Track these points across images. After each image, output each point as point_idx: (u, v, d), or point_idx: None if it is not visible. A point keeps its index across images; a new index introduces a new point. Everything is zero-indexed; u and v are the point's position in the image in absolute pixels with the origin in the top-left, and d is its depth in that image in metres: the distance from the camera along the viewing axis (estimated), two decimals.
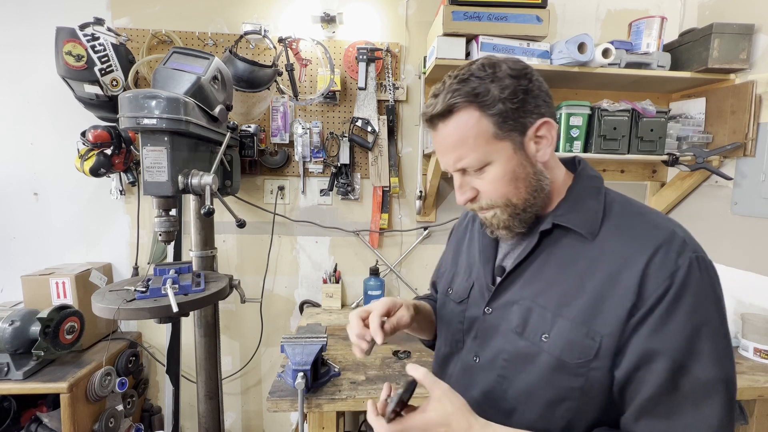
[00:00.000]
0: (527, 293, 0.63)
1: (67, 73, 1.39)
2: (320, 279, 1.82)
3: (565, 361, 0.57)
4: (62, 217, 1.69)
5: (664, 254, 0.54)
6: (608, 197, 0.63)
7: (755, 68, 1.46)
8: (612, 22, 1.76)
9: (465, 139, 0.59)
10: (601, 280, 0.57)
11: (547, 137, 0.61)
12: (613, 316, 0.55)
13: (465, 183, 0.64)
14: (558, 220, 0.62)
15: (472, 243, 0.79)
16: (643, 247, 0.55)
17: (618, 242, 0.58)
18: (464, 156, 0.60)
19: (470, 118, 0.58)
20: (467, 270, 0.77)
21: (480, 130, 0.58)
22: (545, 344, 0.59)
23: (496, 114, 0.58)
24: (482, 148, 0.59)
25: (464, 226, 0.86)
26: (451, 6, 1.37)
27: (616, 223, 0.60)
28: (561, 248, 0.62)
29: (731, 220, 1.53)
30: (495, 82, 0.58)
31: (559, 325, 0.58)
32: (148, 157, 1.06)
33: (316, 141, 1.70)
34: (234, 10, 1.66)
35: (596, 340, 0.55)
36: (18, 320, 1.28)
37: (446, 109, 0.59)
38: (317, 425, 1.11)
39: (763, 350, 1.30)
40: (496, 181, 0.61)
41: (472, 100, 0.58)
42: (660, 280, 0.53)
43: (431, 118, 0.61)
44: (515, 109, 0.58)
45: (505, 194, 0.61)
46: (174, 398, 1.70)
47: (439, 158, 0.65)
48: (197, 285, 1.19)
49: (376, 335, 0.65)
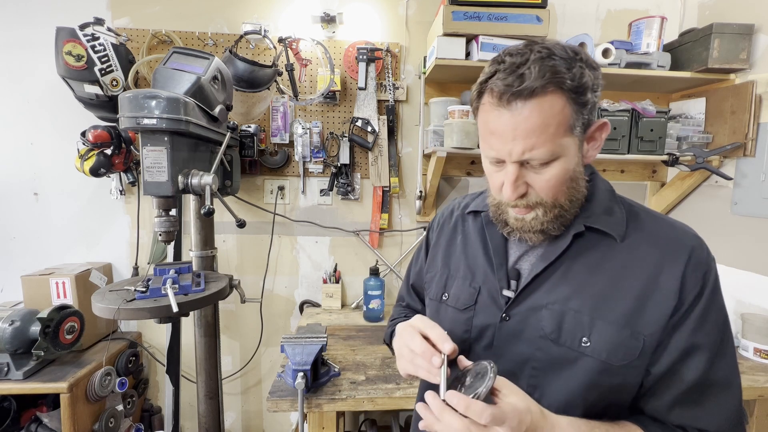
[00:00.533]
0: (555, 297, 0.60)
1: (67, 73, 1.39)
2: (320, 279, 1.82)
3: (611, 363, 0.57)
4: (62, 217, 1.69)
5: (698, 256, 0.57)
6: (624, 201, 0.65)
7: (755, 68, 1.46)
8: (612, 22, 1.76)
9: (546, 127, 0.52)
10: (639, 282, 0.57)
11: (598, 140, 0.59)
12: (656, 317, 0.56)
13: (521, 177, 0.56)
14: (589, 222, 0.61)
15: (468, 244, 0.74)
16: (680, 250, 0.58)
17: (651, 246, 0.59)
18: (538, 146, 0.52)
19: (557, 104, 0.51)
20: (468, 274, 0.71)
21: (562, 120, 0.52)
22: (587, 348, 0.57)
23: (581, 104, 0.53)
24: (558, 140, 0.53)
25: (452, 226, 0.79)
26: (451, 6, 1.37)
27: (643, 227, 0.61)
28: (588, 251, 0.61)
29: (731, 220, 1.53)
30: (586, 69, 0.53)
31: (599, 327, 0.57)
32: (148, 157, 1.06)
33: (316, 141, 1.70)
34: (234, 10, 1.66)
35: (639, 341, 0.56)
36: (18, 320, 1.28)
37: (536, 87, 0.50)
38: (317, 425, 1.11)
39: (763, 350, 1.30)
40: (555, 178, 0.55)
41: (564, 84, 0.51)
42: (696, 280, 0.56)
43: (512, 94, 0.51)
44: (593, 105, 0.54)
45: (556, 194, 0.58)
46: (174, 398, 1.70)
47: (498, 143, 0.55)
48: (197, 285, 1.19)
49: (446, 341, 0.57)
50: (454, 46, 1.41)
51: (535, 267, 0.63)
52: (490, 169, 0.61)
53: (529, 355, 0.61)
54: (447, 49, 1.41)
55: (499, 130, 0.54)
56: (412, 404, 1.08)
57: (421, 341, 0.59)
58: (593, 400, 0.58)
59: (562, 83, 0.51)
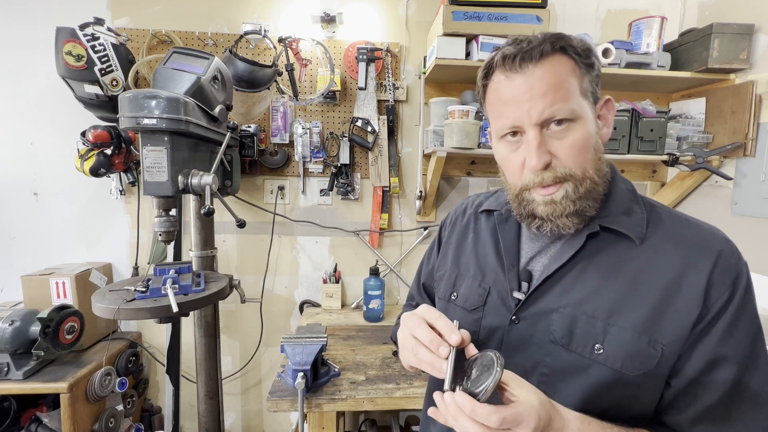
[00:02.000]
0: (567, 301, 0.58)
1: (67, 73, 1.39)
2: (320, 279, 1.82)
3: (625, 373, 0.53)
4: (62, 217, 1.69)
5: (726, 260, 0.54)
6: (645, 201, 0.62)
7: (755, 68, 1.46)
8: (612, 22, 1.76)
9: (561, 83, 0.53)
10: (659, 287, 0.54)
11: (607, 118, 0.60)
12: (678, 325, 0.53)
13: (544, 143, 0.55)
14: (606, 222, 0.58)
15: (479, 243, 0.72)
16: (706, 253, 0.54)
17: (674, 248, 0.56)
18: (557, 102, 0.53)
19: (567, 64, 0.54)
20: (478, 273, 0.69)
21: (575, 78, 0.54)
22: (600, 356, 0.55)
23: (589, 66, 0.56)
24: (574, 99, 0.54)
25: (464, 224, 0.78)
26: (451, 6, 1.37)
27: (665, 228, 0.58)
28: (604, 253, 0.58)
29: (731, 220, 1.53)
30: (588, 44, 0.57)
31: (614, 334, 0.54)
32: (148, 157, 1.06)
33: (316, 141, 1.70)
34: (234, 10, 1.66)
35: (658, 350, 0.53)
36: (18, 320, 1.28)
37: (545, 50, 0.53)
38: (317, 425, 1.11)
39: None
40: (579, 144, 0.54)
41: (569, 48, 0.54)
42: (724, 287, 0.52)
43: (522, 57, 0.54)
44: (598, 75, 0.57)
45: (583, 162, 0.55)
46: (174, 398, 1.70)
47: (513, 110, 0.55)
48: (197, 285, 1.19)
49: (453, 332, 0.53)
50: (454, 46, 1.41)
51: (546, 268, 0.60)
52: (505, 152, 0.59)
53: (539, 360, 0.59)
54: (447, 49, 1.41)
55: (515, 96, 0.55)
56: (412, 404, 1.08)
57: (427, 330, 0.55)
58: (605, 411, 0.55)
59: (567, 47, 0.54)
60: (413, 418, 1.84)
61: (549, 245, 0.63)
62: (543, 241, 0.64)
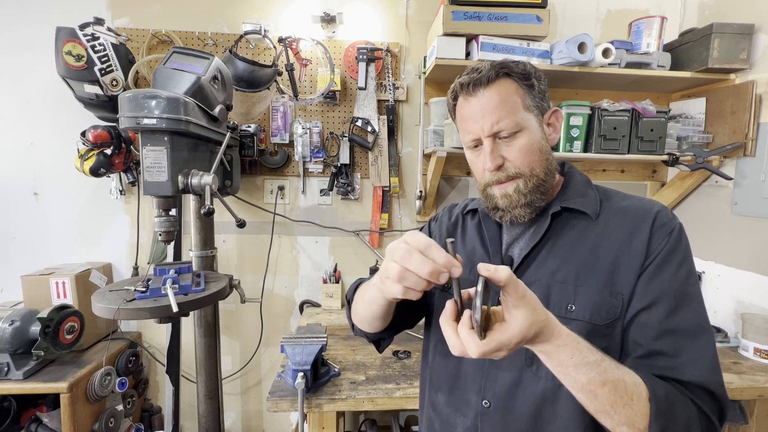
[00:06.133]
0: (542, 273, 0.67)
1: (67, 73, 1.39)
2: (320, 279, 1.82)
3: (596, 323, 0.62)
4: (62, 217, 1.69)
5: (662, 218, 0.65)
6: (599, 187, 0.75)
7: (755, 68, 1.46)
8: (612, 22, 1.76)
9: (505, 102, 0.66)
10: (613, 248, 0.65)
11: (555, 125, 0.72)
12: (630, 274, 0.63)
13: (496, 149, 0.68)
14: (566, 204, 0.69)
15: (466, 238, 0.81)
16: (646, 215, 0.66)
17: (622, 218, 0.67)
18: (502, 118, 0.66)
19: (510, 86, 0.67)
20: (467, 263, 0.73)
21: (518, 97, 0.67)
22: (572, 312, 0.63)
23: (530, 86, 0.68)
24: (518, 113, 0.67)
25: (452, 221, 0.87)
26: (451, 6, 1.37)
27: (614, 204, 0.70)
28: (568, 230, 0.69)
29: (731, 220, 1.53)
30: (528, 66, 0.69)
31: (582, 293, 0.64)
32: (148, 157, 1.06)
33: (316, 141, 1.70)
34: (234, 10, 1.66)
35: (618, 300, 0.62)
36: (18, 320, 1.28)
37: (491, 76, 0.67)
38: (317, 425, 1.11)
39: (763, 350, 1.30)
40: (525, 148, 0.67)
41: (512, 74, 0.68)
42: (661, 238, 0.63)
43: (474, 84, 0.68)
44: (541, 91, 0.70)
45: (530, 163, 0.67)
46: (174, 398, 1.70)
47: (472, 125, 0.69)
48: (197, 285, 1.19)
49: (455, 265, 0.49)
50: (454, 46, 1.41)
51: (523, 250, 0.71)
52: (472, 158, 0.73)
53: None
54: (447, 49, 1.41)
55: (472, 114, 0.69)
56: (412, 404, 1.08)
57: (422, 258, 0.49)
58: None
59: (510, 72, 0.67)
60: (413, 418, 1.84)
61: (524, 232, 0.74)
62: (518, 230, 0.74)
